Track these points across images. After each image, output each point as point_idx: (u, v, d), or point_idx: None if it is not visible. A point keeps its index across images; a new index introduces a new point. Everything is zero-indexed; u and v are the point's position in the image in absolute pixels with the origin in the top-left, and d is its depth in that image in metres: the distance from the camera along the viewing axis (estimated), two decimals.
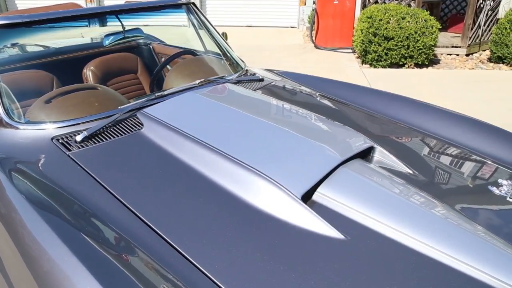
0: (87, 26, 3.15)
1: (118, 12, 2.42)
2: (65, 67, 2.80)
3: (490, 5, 6.84)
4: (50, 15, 2.06)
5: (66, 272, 1.04)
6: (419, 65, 6.28)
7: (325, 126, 1.74)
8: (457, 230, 1.24)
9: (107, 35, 2.41)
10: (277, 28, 9.59)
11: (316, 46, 7.61)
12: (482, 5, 6.77)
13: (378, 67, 6.27)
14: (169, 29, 3.62)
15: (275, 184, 1.31)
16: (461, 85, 5.50)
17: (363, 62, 6.50)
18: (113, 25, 2.84)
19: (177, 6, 2.59)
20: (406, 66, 6.20)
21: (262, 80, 2.37)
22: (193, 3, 2.64)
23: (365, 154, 1.64)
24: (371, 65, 6.34)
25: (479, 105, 4.76)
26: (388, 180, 1.46)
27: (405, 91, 5.21)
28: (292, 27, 9.74)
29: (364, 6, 7.29)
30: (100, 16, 2.34)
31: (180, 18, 2.77)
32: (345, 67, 6.38)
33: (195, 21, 2.70)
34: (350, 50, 7.24)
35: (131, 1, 3.06)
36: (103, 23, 3.12)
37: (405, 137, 1.88)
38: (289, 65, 6.36)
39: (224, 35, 2.90)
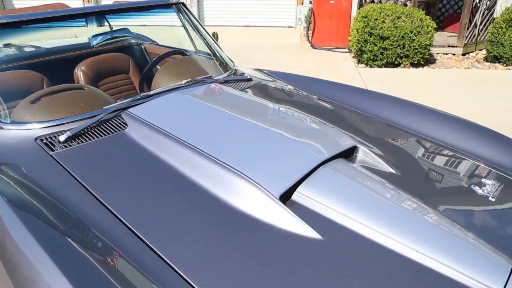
0: (84, 26, 3.15)
1: (106, 13, 2.42)
2: (56, 67, 2.80)
3: (486, 4, 6.84)
4: (36, 15, 2.06)
5: (47, 279, 1.02)
6: (415, 65, 6.27)
7: (309, 126, 1.74)
8: (437, 230, 1.24)
9: (95, 36, 2.41)
10: (274, 28, 9.59)
11: (312, 46, 7.60)
12: (478, 5, 6.76)
13: (374, 67, 6.27)
14: (166, 29, 3.63)
15: (254, 184, 1.31)
16: (457, 84, 5.50)
17: (359, 61, 6.50)
18: (111, 25, 2.84)
19: (166, 6, 2.59)
20: (402, 65, 6.20)
21: (250, 80, 2.37)
22: (183, 3, 2.64)
23: (349, 154, 1.64)
24: (366, 64, 6.34)
25: (474, 104, 4.76)
26: (370, 180, 1.46)
27: (400, 90, 5.20)
28: (289, 26, 9.74)
29: (360, 5, 7.28)
30: (87, 16, 2.33)
31: (170, 18, 2.77)
32: (341, 67, 6.38)
33: (185, 21, 2.70)
34: (347, 50, 7.23)
35: (119, 1, 3.06)
36: (100, 23, 3.12)
37: (390, 137, 1.88)
38: (285, 65, 6.36)
39: (215, 35, 2.90)
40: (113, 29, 2.80)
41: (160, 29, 3.49)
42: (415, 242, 1.19)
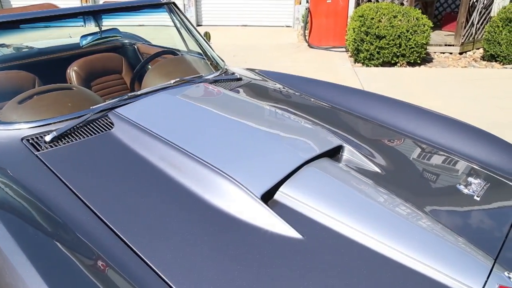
0: (82, 26, 3.16)
1: (96, 13, 2.42)
2: (48, 67, 2.80)
3: (483, 3, 6.83)
4: (24, 15, 2.05)
5: (28, 283, 1.02)
6: (411, 64, 6.27)
7: (295, 125, 1.74)
8: (419, 230, 1.24)
9: (84, 36, 2.41)
10: (272, 28, 9.59)
11: (309, 45, 7.60)
12: (475, 4, 6.75)
13: (371, 66, 6.26)
14: (157, 29, 3.64)
15: (235, 183, 1.31)
16: (454, 83, 5.49)
17: (355, 61, 6.49)
18: (108, 25, 2.85)
19: (157, 6, 2.59)
20: (399, 64, 6.19)
21: (240, 79, 2.37)
22: (174, 3, 2.64)
23: (335, 153, 1.63)
24: (363, 64, 6.33)
25: (470, 103, 4.75)
26: (354, 180, 1.46)
27: (396, 89, 5.20)
28: (287, 26, 9.73)
29: (358, 4, 7.27)
30: (75, 16, 2.33)
31: (161, 18, 2.76)
32: (337, 66, 6.38)
33: (176, 21, 2.70)
34: (344, 49, 7.23)
35: (109, 0, 3.07)
36: (97, 23, 3.12)
37: (378, 136, 1.87)
38: (282, 65, 6.35)
39: (207, 35, 2.90)
40: (110, 29, 2.79)
41: (152, 29, 3.49)
42: (397, 242, 1.19)
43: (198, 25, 9.79)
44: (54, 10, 2.19)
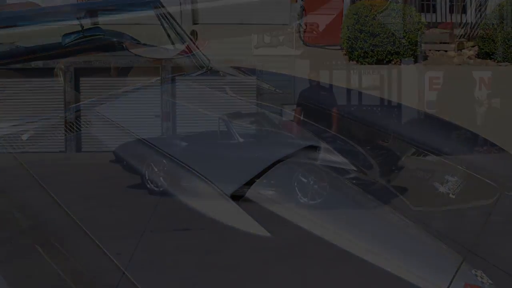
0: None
1: (81, 12, 2.42)
2: (36, 66, 2.80)
3: (478, 1, 6.80)
4: (8, 15, 2.05)
5: None
6: (405, 62, 6.24)
7: (272, 123, 1.74)
8: (389, 227, 1.24)
9: (66, 35, 2.41)
10: (269, 26, 9.55)
11: (305, 43, 7.57)
12: (471, 2, 6.73)
13: (365, 64, 6.24)
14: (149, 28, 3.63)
15: (205, 180, 1.31)
16: (447, 81, 5.49)
17: (350, 58, 6.47)
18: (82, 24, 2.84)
19: (143, 5, 2.59)
20: (393, 62, 6.18)
21: (223, 77, 2.37)
22: (159, 1, 2.64)
23: (311, 151, 1.63)
24: (357, 61, 6.31)
25: (464, 101, 4.75)
26: (328, 176, 1.46)
27: (390, 87, 5.20)
28: (284, 24, 9.70)
29: (353, 2, 7.24)
30: (61, 16, 2.33)
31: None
32: (331, 64, 6.36)
33: (163, 20, 2.70)
34: (338, 47, 7.20)
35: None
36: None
37: (356, 133, 1.88)
38: (276, 64, 6.33)
39: (194, 34, 2.90)
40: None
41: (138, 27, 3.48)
42: (365, 239, 1.19)
43: (195, 23, 9.76)
44: (37, 9, 2.19)
